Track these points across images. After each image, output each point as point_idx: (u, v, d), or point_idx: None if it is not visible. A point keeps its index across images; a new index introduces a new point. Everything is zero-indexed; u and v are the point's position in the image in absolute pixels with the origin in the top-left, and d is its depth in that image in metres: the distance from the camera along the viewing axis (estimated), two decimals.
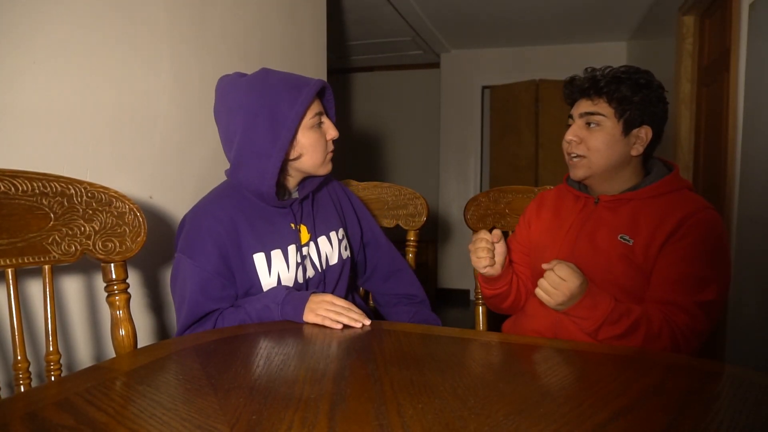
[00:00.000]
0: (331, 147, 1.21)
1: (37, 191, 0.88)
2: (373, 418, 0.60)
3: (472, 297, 4.71)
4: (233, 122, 1.12)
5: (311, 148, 1.16)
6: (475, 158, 4.85)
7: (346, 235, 1.33)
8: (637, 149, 1.15)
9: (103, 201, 0.96)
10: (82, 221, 0.93)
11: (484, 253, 1.15)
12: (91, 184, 0.95)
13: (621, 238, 1.11)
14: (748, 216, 1.99)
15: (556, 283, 1.01)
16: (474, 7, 3.63)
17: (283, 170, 1.17)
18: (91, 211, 0.94)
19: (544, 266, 1.04)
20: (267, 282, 1.14)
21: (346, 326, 1.00)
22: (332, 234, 1.27)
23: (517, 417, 0.61)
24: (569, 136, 1.19)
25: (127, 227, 0.98)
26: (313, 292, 1.09)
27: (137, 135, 1.31)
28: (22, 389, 0.86)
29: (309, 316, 1.03)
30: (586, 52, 4.47)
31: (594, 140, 1.15)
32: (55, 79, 1.10)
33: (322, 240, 1.25)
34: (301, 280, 1.19)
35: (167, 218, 1.41)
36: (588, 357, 0.85)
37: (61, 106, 1.12)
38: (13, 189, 0.85)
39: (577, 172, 1.18)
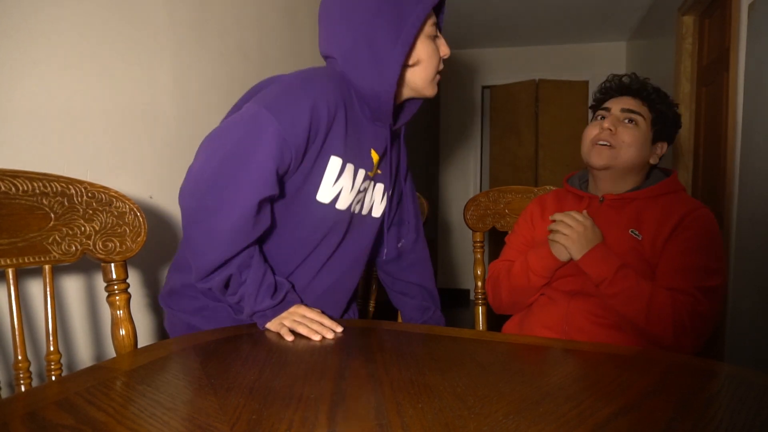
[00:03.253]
0: (441, 66, 1.08)
1: (38, 191, 0.88)
2: (373, 417, 0.60)
3: (472, 297, 4.71)
4: (349, 22, 0.98)
5: (427, 58, 1.04)
6: (475, 158, 4.85)
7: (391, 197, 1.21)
8: (655, 159, 1.24)
9: (104, 201, 0.96)
10: (82, 221, 0.93)
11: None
12: (91, 184, 0.95)
13: (632, 232, 1.16)
14: (748, 216, 1.99)
15: (573, 223, 1.11)
16: (474, 7, 3.63)
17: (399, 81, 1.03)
18: (91, 211, 0.94)
19: (556, 216, 1.14)
20: (326, 191, 1.00)
21: (302, 336, 0.93)
22: (391, 188, 1.17)
23: (517, 417, 0.61)
24: (607, 124, 1.20)
25: (128, 227, 0.98)
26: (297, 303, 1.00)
27: (137, 135, 1.31)
28: (23, 389, 0.86)
29: (272, 323, 0.96)
30: (586, 52, 4.48)
31: (629, 135, 1.19)
32: (56, 79, 1.10)
33: (381, 186, 1.13)
34: (356, 210, 1.09)
35: (167, 218, 1.41)
36: (588, 357, 0.85)
37: (62, 106, 1.12)
38: (13, 189, 0.85)
39: (601, 159, 1.19)
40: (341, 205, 1.03)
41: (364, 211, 1.12)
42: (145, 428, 0.58)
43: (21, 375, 0.87)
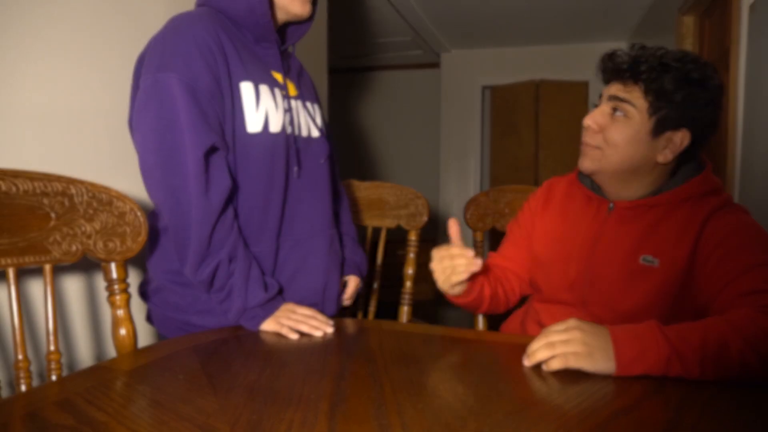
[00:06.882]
0: None
1: (38, 191, 0.88)
2: (373, 418, 0.60)
3: None
4: None
5: None
6: (475, 158, 4.86)
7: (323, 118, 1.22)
8: (666, 156, 0.96)
9: (104, 201, 0.96)
10: (82, 221, 0.93)
11: (463, 270, 0.98)
12: (92, 184, 0.95)
13: (643, 260, 0.95)
14: None
15: (562, 340, 0.78)
16: (474, 7, 3.63)
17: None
18: (91, 211, 0.94)
19: (544, 339, 0.80)
20: (253, 119, 0.99)
21: (303, 333, 0.95)
22: (316, 105, 1.17)
23: (517, 417, 0.61)
24: (588, 120, 0.99)
25: (128, 227, 0.98)
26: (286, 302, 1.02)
27: None
28: (23, 388, 0.86)
29: (268, 324, 0.97)
30: (586, 52, 4.47)
31: (614, 132, 0.96)
32: (56, 79, 1.10)
33: (308, 105, 1.14)
34: (289, 131, 1.06)
35: None
36: None
37: (62, 106, 1.12)
38: (14, 189, 0.85)
39: (584, 163, 1.01)
40: (274, 127, 1.03)
41: (304, 133, 1.11)
42: (145, 428, 0.58)
43: (21, 375, 0.87)
